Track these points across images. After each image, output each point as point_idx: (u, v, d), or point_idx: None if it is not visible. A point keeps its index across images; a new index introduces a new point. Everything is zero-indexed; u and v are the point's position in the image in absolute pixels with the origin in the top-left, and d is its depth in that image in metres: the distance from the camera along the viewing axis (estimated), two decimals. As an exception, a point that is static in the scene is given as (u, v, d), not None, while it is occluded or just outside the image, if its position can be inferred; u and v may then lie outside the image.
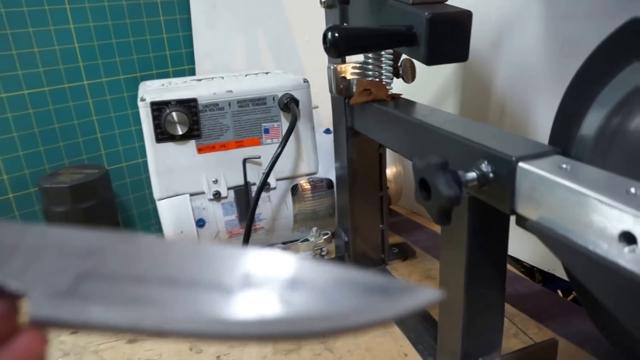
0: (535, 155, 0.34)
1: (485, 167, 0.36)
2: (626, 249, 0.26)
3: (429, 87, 0.78)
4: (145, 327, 0.13)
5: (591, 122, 0.36)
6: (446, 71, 0.75)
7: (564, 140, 0.38)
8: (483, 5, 0.66)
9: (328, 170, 0.71)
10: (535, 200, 0.33)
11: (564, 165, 0.32)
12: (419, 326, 0.56)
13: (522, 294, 0.59)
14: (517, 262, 0.68)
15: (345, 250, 0.69)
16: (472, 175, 0.36)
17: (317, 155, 0.69)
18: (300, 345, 0.54)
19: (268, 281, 0.14)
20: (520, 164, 0.33)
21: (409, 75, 0.58)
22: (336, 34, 0.41)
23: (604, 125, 0.34)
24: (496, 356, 0.45)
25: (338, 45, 0.41)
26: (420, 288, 0.15)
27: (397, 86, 0.58)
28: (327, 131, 0.78)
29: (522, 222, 0.34)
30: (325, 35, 0.42)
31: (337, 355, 0.52)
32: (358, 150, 0.63)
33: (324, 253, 0.70)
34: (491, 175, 0.36)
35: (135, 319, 0.13)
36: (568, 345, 0.51)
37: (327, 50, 0.42)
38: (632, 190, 0.27)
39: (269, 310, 0.13)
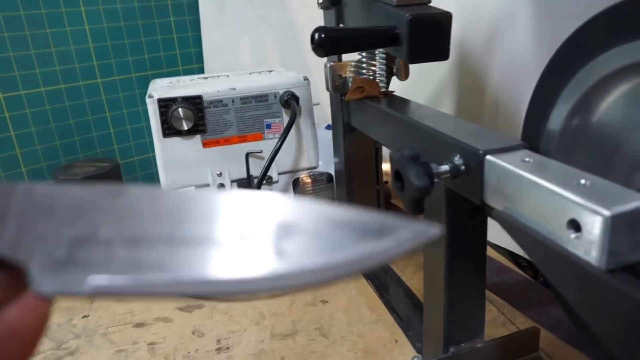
0: (502, 149, 0.36)
1: (457, 160, 0.38)
2: (572, 236, 0.28)
3: (427, 85, 0.80)
4: (146, 292, 0.13)
5: (556, 118, 0.37)
6: (443, 70, 0.76)
7: (533, 135, 0.40)
8: (477, 6, 0.68)
9: (329, 164, 0.74)
10: (500, 191, 0.35)
11: (527, 159, 0.34)
12: (410, 314, 0.59)
13: (507, 283, 0.61)
14: (519, 257, 0.69)
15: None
16: (444, 167, 0.38)
17: (317, 150, 0.72)
18: (295, 330, 0.57)
19: (261, 230, 0.14)
20: (488, 157, 0.35)
21: (403, 73, 0.60)
22: (322, 35, 0.44)
23: (567, 121, 0.36)
24: (478, 342, 0.47)
25: (324, 45, 0.44)
26: (416, 225, 0.14)
27: (398, 85, 0.60)
28: (329, 127, 0.80)
29: (489, 212, 0.36)
30: (312, 36, 0.44)
31: (331, 341, 0.55)
32: (355, 145, 0.66)
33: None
34: (463, 167, 0.38)
35: (136, 285, 0.13)
36: (549, 333, 0.53)
37: (314, 50, 0.45)
38: (582, 181, 0.29)
39: (265, 265, 0.13)
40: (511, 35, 0.63)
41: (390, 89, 0.59)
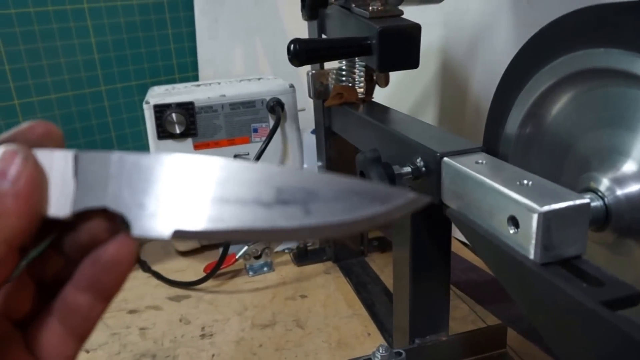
0: (459, 152, 0.36)
1: (419, 162, 0.39)
2: (512, 231, 0.28)
3: (410, 92, 0.80)
4: (219, 233, 0.17)
5: (512, 123, 0.38)
6: (426, 77, 0.76)
7: (493, 139, 0.40)
8: (459, 14, 0.68)
9: (315, 167, 0.74)
10: (454, 191, 0.35)
11: (481, 161, 0.34)
12: (384, 310, 0.59)
13: (474, 281, 0.61)
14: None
15: (326, 241, 0.71)
16: (407, 169, 0.39)
17: (302, 153, 0.72)
18: (274, 321, 0.57)
19: (294, 196, 0.17)
20: (445, 159, 0.36)
21: (382, 81, 0.60)
22: (297, 47, 0.44)
23: (521, 126, 0.37)
24: (443, 335, 0.47)
25: (298, 56, 0.44)
26: (410, 194, 0.17)
27: (382, 92, 0.59)
28: (314, 132, 0.81)
29: (445, 210, 0.37)
30: (288, 48, 0.45)
31: (307, 332, 0.55)
32: (336, 149, 0.66)
33: (308, 243, 0.73)
34: (423, 169, 0.38)
35: (213, 228, 0.17)
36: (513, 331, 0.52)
37: (290, 60, 0.45)
38: (525, 181, 0.30)
39: (298, 220, 0.17)
40: (492, 43, 0.63)
41: (375, 96, 0.59)
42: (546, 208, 0.26)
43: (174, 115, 0.66)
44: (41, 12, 0.75)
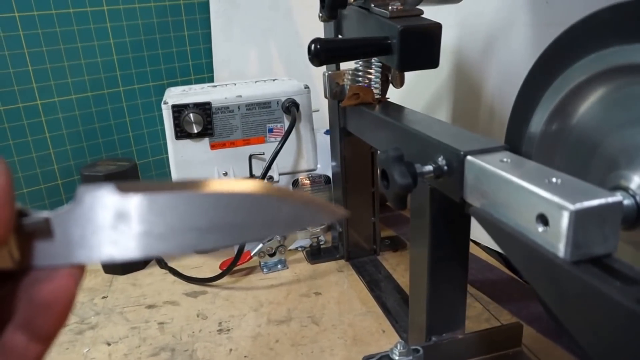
0: (483, 150, 0.35)
1: (440, 160, 0.38)
2: (541, 229, 0.27)
3: (424, 92, 0.79)
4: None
5: (537, 122, 0.37)
6: (440, 77, 0.75)
7: (515, 138, 0.39)
8: (475, 15, 0.67)
9: (328, 167, 0.73)
10: (478, 189, 0.34)
11: (505, 159, 0.33)
12: (398, 308, 0.58)
13: (491, 280, 0.59)
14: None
15: (339, 239, 0.71)
16: (428, 167, 0.38)
17: (316, 153, 0.72)
18: (290, 317, 0.56)
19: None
20: (468, 158, 0.35)
21: (398, 81, 0.58)
22: (318, 46, 0.43)
23: (547, 125, 0.36)
24: (459, 333, 0.46)
25: (319, 55, 0.43)
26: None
27: (396, 92, 0.59)
28: (328, 132, 0.80)
29: (467, 209, 0.36)
30: (309, 47, 0.44)
31: (322, 328, 0.54)
32: (351, 149, 0.65)
33: (321, 242, 0.72)
34: (445, 167, 0.37)
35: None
36: (532, 330, 0.51)
37: (310, 60, 0.44)
38: (553, 179, 0.29)
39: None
40: (508, 44, 0.62)
41: (388, 96, 0.58)
42: (578, 206, 0.25)
43: (191, 115, 0.65)
44: (63, 14, 0.75)
